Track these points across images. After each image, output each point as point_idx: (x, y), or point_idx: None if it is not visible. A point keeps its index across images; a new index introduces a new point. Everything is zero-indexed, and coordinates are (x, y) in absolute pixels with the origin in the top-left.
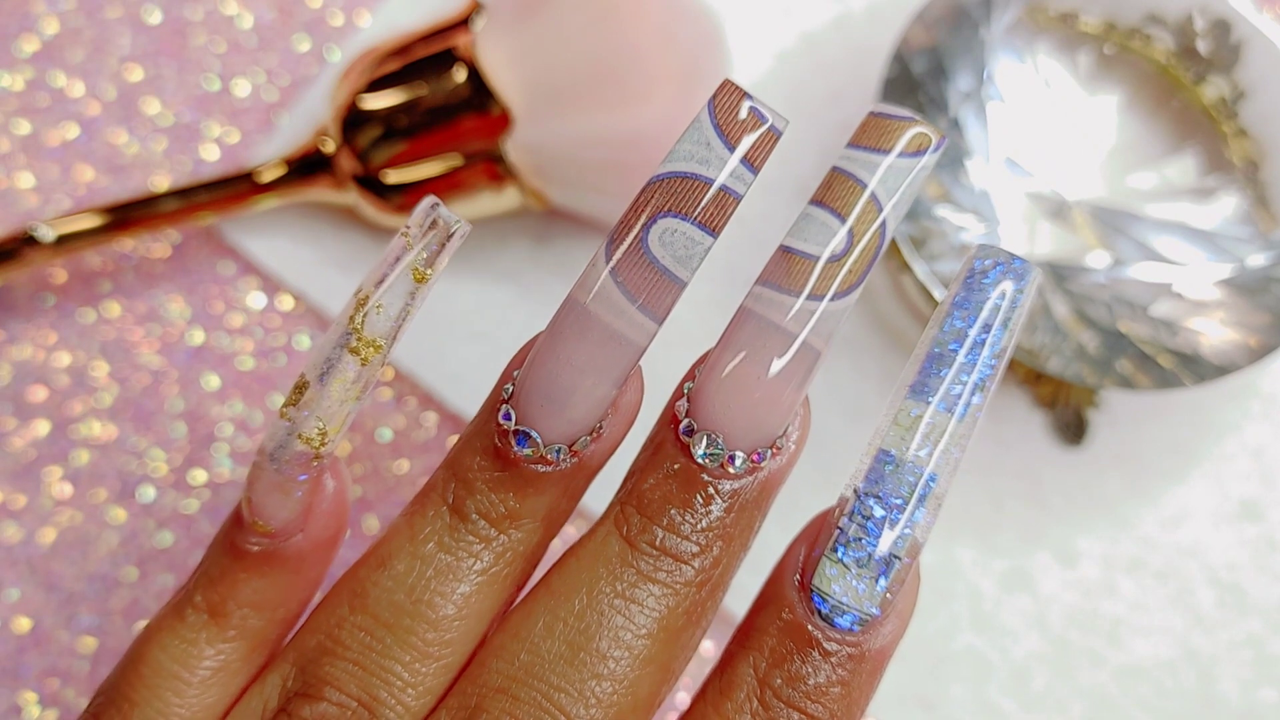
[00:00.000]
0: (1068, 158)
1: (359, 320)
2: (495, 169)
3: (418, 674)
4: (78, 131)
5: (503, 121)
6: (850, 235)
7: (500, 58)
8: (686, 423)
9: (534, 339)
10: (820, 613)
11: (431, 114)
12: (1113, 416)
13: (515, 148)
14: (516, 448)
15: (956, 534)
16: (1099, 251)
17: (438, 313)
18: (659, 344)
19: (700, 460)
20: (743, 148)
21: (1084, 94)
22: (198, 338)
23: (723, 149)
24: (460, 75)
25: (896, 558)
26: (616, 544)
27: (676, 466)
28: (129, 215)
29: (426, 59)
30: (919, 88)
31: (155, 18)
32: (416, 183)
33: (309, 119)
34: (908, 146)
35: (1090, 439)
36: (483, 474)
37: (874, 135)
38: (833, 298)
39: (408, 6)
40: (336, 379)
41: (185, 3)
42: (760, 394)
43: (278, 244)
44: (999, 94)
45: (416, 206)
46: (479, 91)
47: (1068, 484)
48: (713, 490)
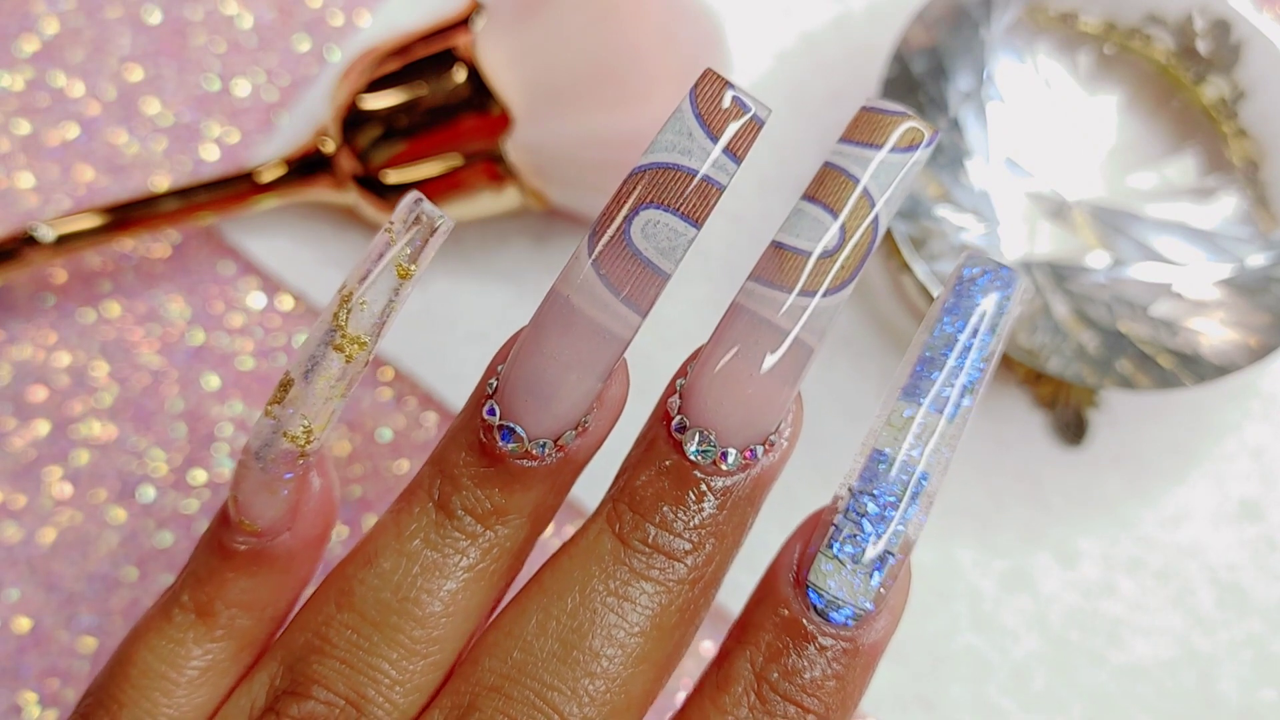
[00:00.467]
0: (1068, 158)
1: (343, 317)
2: (495, 169)
3: (406, 672)
4: (78, 131)
5: (503, 121)
6: (842, 231)
7: (500, 58)
8: (679, 419)
9: (518, 333)
10: (816, 608)
11: (431, 114)
12: (1113, 416)
13: (515, 148)
14: (501, 443)
15: (956, 534)
16: (1099, 251)
17: (438, 313)
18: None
19: (693, 457)
20: (725, 138)
21: (1084, 94)
22: (198, 338)
23: (705, 139)
24: (460, 75)
25: (890, 554)
26: (609, 541)
27: (669, 463)
28: (129, 215)
29: (426, 59)
30: (919, 88)
31: (155, 18)
32: (416, 183)
33: (309, 119)
34: (900, 141)
35: (1090, 439)
36: (468, 470)
37: (866, 130)
38: (825, 294)
39: (408, 6)
40: (321, 376)
41: (185, 3)
42: (753, 390)
43: (278, 244)
44: (999, 94)
45: (400, 202)
46: (479, 91)
47: (1068, 484)
48: (705, 487)
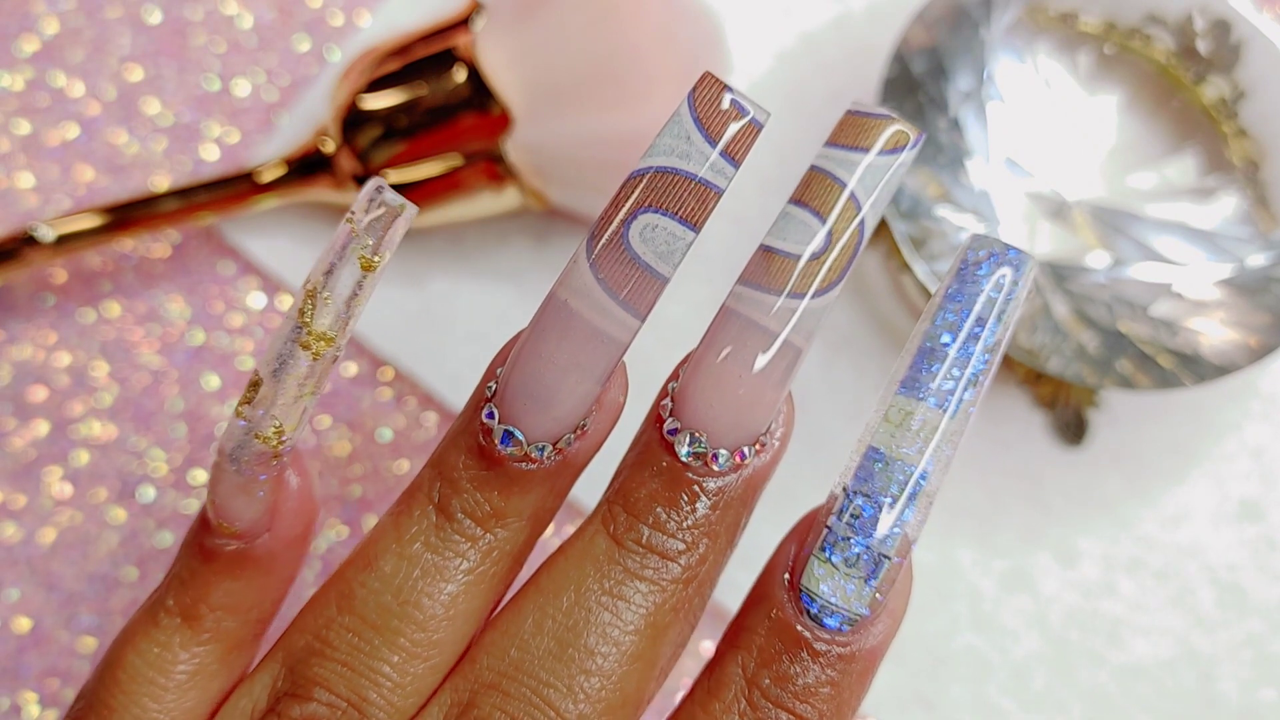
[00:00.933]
0: (1068, 158)
1: (309, 313)
2: (495, 169)
3: (406, 674)
4: (78, 131)
5: (503, 121)
6: (829, 235)
7: (500, 58)
8: (671, 422)
9: (517, 336)
10: (809, 612)
11: (431, 114)
12: (1113, 416)
13: (515, 148)
14: (501, 446)
15: (956, 534)
16: (1099, 251)
17: (438, 313)
18: (657, 344)
19: (685, 459)
20: (724, 141)
21: (1084, 94)
22: (198, 338)
23: (703, 143)
24: (460, 75)
25: (886, 557)
26: (604, 542)
27: (662, 465)
28: (129, 215)
29: (426, 59)
30: (919, 88)
31: (155, 18)
32: (416, 183)
33: (309, 119)
34: (886, 144)
35: (1090, 439)
36: (468, 473)
37: (852, 134)
38: (813, 296)
39: (408, 6)
40: (290, 375)
41: (185, 3)
42: (743, 392)
43: (278, 244)
44: (999, 94)
45: (361, 190)
46: (479, 91)
47: (1068, 484)
48: (698, 488)
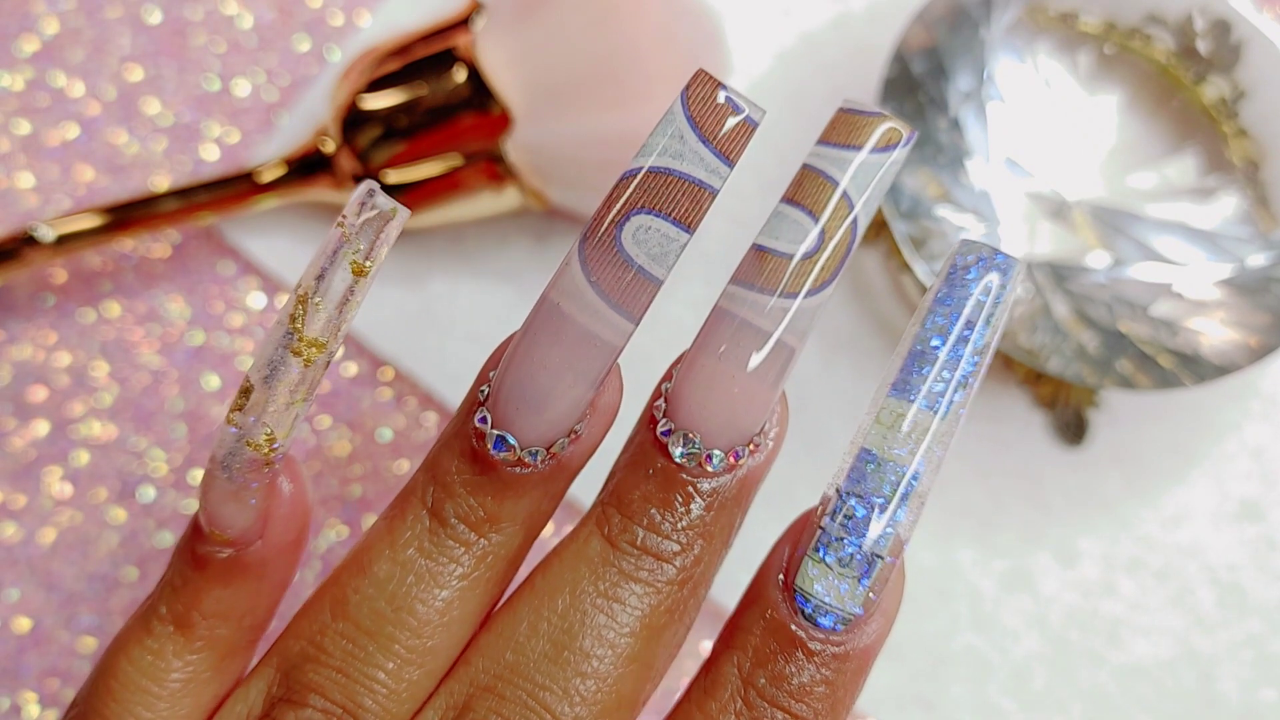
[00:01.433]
0: (1068, 158)
1: (300, 319)
2: (495, 169)
3: (401, 680)
4: (78, 131)
5: (503, 121)
6: (822, 233)
7: (500, 58)
8: (664, 423)
9: (509, 339)
10: (803, 612)
11: (431, 114)
12: (1113, 416)
13: (515, 148)
14: (494, 451)
15: (956, 534)
16: (1099, 251)
17: (438, 313)
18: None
19: (678, 460)
20: (718, 140)
21: (1084, 94)
22: (198, 338)
23: (697, 142)
24: (460, 75)
25: (879, 557)
26: (598, 544)
27: (656, 467)
28: (129, 215)
29: (426, 59)
30: (919, 88)
31: (155, 18)
32: (416, 183)
33: (309, 119)
34: (878, 142)
35: (1090, 439)
36: (461, 477)
37: (844, 132)
38: (806, 295)
39: (408, 6)
40: (281, 382)
41: (185, 3)
42: (737, 392)
43: (278, 244)
44: (999, 94)
45: (353, 193)
46: (479, 91)
47: (1068, 484)
48: (692, 489)
